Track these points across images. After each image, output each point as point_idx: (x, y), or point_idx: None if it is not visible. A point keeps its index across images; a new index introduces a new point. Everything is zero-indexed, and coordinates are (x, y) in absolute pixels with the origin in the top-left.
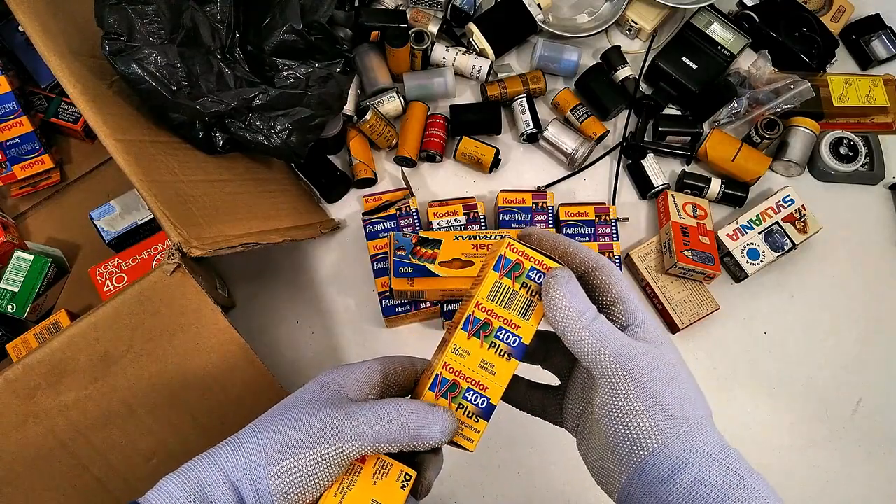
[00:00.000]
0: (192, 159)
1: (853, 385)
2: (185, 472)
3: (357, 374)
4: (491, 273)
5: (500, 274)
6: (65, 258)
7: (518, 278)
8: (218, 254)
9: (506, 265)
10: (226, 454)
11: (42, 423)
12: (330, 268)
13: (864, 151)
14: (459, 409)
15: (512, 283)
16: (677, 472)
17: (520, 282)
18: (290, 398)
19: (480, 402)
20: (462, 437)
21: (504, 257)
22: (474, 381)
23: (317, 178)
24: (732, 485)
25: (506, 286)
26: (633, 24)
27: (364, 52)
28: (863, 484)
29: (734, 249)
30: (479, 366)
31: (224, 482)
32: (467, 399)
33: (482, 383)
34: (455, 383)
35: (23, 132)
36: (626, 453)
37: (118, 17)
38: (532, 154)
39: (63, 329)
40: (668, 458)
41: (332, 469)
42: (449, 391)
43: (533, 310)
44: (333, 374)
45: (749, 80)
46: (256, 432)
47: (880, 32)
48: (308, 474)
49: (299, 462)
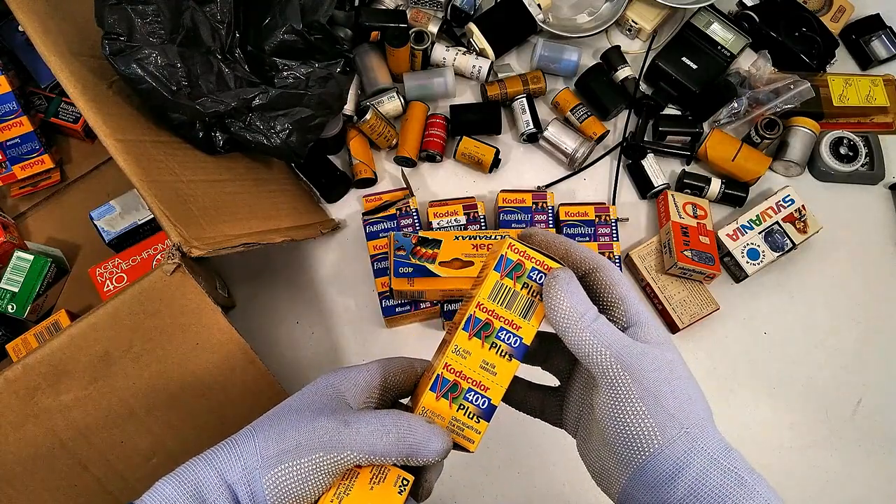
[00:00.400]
0: (192, 159)
1: (853, 385)
2: (182, 473)
3: (357, 378)
4: (492, 273)
5: (502, 274)
6: (65, 258)
7: (519, 279)
8: (218, 254)
9: (507, 265)
10: (222, 456)
11: (42, 423)
12: (330, 268)
13: (864, 151)
14: (460, 409)
15: (513, 283)
16: (678, 472)
17: (521, 282)
18: (288, 401)
19: (481, 402)
20: (463, 438)
21: (505, 257)
22: (475, 382)
23: (317, 178)
24: (733, 486)
25: (507, 286)
26: (633, 24)
27: (364, 52)
28: (863, 484)
29: (734, 249)
30: (480, 366)
31: (220, 484)
32: (468, 400)
33: (483, 384)
34: (456, 384)
35: (23, 132)
36: (626, 454)
37: (118, 17)
38: (532, 154)
39: (63, 329)
40: (669, 459)
41: (328, 476)
42: (450, 392)
43: (534, 310)
44: (333, 377)
45: (749, 80)
46: (253, 435)
47: (880, 32)
48: (303, 480)
49: (295, 468)
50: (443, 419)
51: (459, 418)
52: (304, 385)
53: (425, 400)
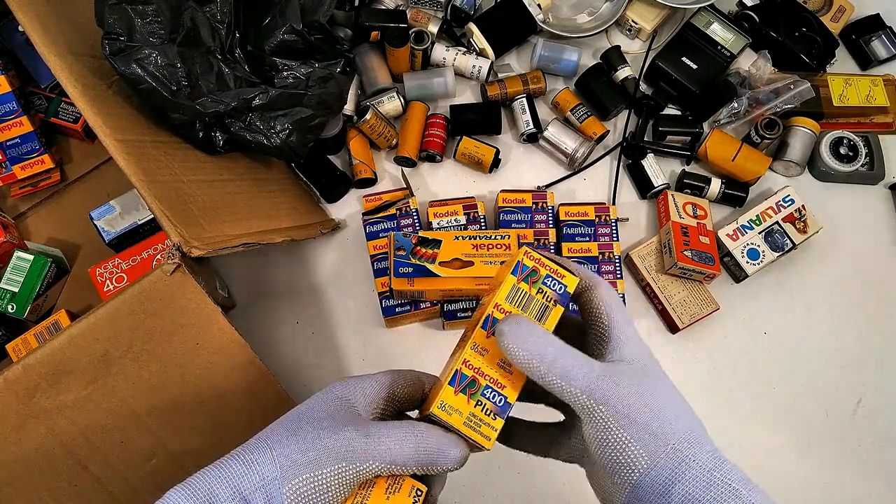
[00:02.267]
0: (192, 159)
1: (853, 385)
2: (194, 483)
3: (366, 388)
4: (509, 277)
5: (518, 278)
6: (65, 258)
7: (535, 283)
8: (218, 254)
9: (523, 271)
10: (236, 467)
11: (42, 423)
12: (330, 268)
13: (864, 151)
14: (478, 405)
15: (529, 287)
16: (670, 488)
17: (536, 287)
18: (300, 409)
19: (498, 399)
20: (480, 435)
21: (522, 263)
22: (492, 379)
23: (317, 178)
24: (726, 497)
25: (523, 290)
26: (633, 24)
27: (364, 52)
28: (863, 484)
29: (734, 249)
30: (498, 364)
31: (234, 495)
32: (485, 396)
33: (500, 381)
34: (474, 380)
35: (23, 132)
36: (619, 477)
37: (118, 17)
38: (532, 154)
39: (63, 329)
40: (659, 477)
41: (348, 487)
42: (468, 387)
43: (548, 314)
44: (342, 388)
45: (749, 80)
46: (270, 446)
47: (880, 32)
48: (324, 491)
49: (317, 478)
50: (461, 414)
51: (477, 414)
52: (313, 392)
53: (444, 394)
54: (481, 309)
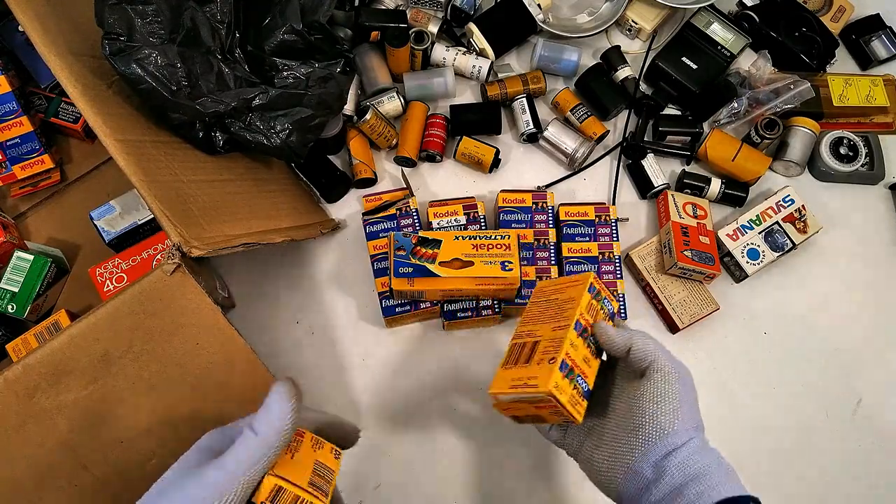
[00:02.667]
0: (192, 159)
1: (853, 385)
2: None
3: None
4: (586, 294)
5: (591, 296)
6: (65, 258)
7: (599, 301)
8: (218, 254)
9: (591, 290)
10: None
11: (42, 423)
12: (330, 268)
13: (864, 151)
14: (575, 389)
15: (597, 304)
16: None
17: (599, 304)
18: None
19: (584, 385)
20: (576, 411)
21: (592, 285)
22: (581, 370)
23: (317, 178)
24: (715, 464)
25: (594, 305)
26: (633, 24)
27: (364, 52)
28: (863, 484)
29: (734, 249)
30: (583, 359)
31: None
32: (578, 382)
33: (585, 372)
34: (572, 368)
35: (23, 132)
36: (646, 433)
37: (118, 17)
38: (532, 154)
39: (63, 329)
40: (677, 439)
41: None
42: (569, 374)
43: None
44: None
45: (749, 80)
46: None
47: (880, 32)
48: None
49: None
50: (566, 394)
51: (574, 396)
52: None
53: (556, 376)
54: (568, 314)
